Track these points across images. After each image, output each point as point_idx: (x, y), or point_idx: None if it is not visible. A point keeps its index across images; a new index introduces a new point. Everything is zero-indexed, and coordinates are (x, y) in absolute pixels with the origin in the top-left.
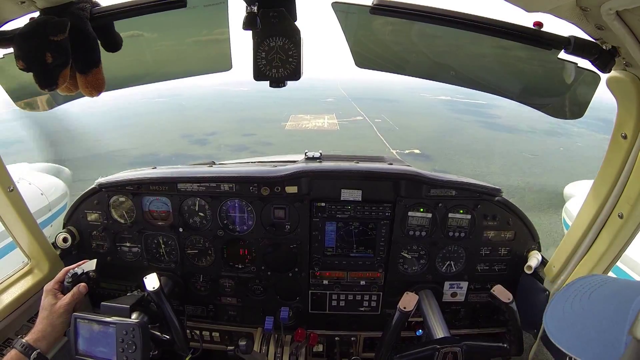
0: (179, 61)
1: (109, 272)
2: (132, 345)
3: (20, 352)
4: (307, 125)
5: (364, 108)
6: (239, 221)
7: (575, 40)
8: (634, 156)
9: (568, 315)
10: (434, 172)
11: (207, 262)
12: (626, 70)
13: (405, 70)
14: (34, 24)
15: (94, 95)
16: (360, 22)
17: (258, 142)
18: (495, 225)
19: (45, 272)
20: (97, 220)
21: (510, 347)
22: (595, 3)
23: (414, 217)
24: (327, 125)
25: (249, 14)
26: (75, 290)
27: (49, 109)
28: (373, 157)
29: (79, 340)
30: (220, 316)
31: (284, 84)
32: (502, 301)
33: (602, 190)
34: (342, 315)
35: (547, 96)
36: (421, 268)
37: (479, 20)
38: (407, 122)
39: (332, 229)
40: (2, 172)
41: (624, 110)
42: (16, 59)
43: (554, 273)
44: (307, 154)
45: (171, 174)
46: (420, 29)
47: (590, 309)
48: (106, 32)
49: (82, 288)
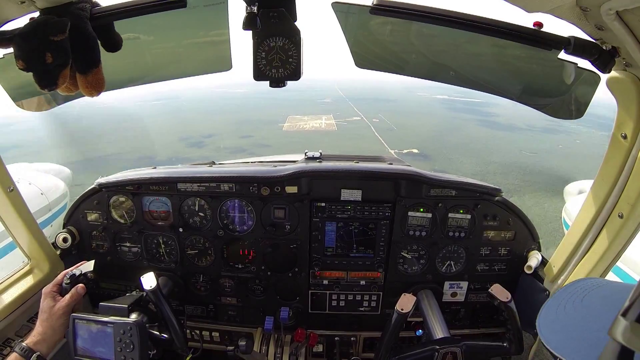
0: (179, 61)
1: (108, 272)
2: (129, 344)
3: (21, 356)
4: (304, 126)
5: (362, 108)
6: (239, 221)
7: (575, 41)
8: (634, 156)
9: (561, 317)
10: (434, 172)
11: (207, 262)
12: (626, 70)
13: (405, 71)
14: (34, 24)
15: (94, 95)
16: (360, 22)
17: (256, 144)
18: (495, 225)
19: (45, 272)
20: (97, 220)
21: (510, 347)
22: (595, 3)
23: (414, 217)
24: (325, 126)
25: (249, 14)
26: (74, 291)
27: (48, 109)
28: (373, 157)
29: (78, 341)
30: (220, 316)
31: (284, 84)
32: (500, 300)
33: (602, 190)
34: (342, 315)
35: (547, 96)
36: (421, 268)
37: (478, 21)
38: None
39: (332, 229)
40: (2, 172)
41: (624, 110)
42: (16, 59)
43: (554, 273)
44: (307, 154)
45: (171, 174)
46: (420, 29)
47: (582, 311)
48: (106, 32)
49: (81, 289)
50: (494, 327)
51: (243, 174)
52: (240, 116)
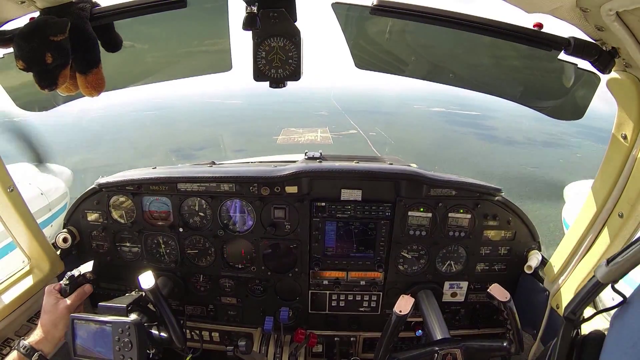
0: (179, 62)
1: (108, 273)
2: (128, 343)
3: (23, 354)
4: (299, 139)
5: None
6: (239, 221)
7: (575, 41)
8: (634, 156)
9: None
10: (434, 172)
11: (207, 262)
12: (626, 71)
13: (404, 72)
14: (34, 24)
15: (94, 95)
16: (360, 23)
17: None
18: (495, 224)
19: (45, 272)
20: (97, 220)
21: (509, 347)
22: (595, 4)
23: (414, 217)
24: (320, 139)
25: (249, 14)
26: (80, 290)
27: (48, 109)
28: (373, 157)
29: (77, 341)
30: (220, 316)
31: (284, 84)
32: (499, 300)
33: (602, 190)
34: (342, 315)
35: (547, 97)
36: (421, 268)
37: (479, 21)
38: (402, 135)
39: (332, 229)
40: (2, 172)
41: (624, 110)
42: (16, 59)
43: (554, 273)
44: (307, 154)
45: (171, 174)
46: (420, 30)
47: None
48: (106, 32)
49: (88, 289)
50: (494, 327)
51: (243, 174)
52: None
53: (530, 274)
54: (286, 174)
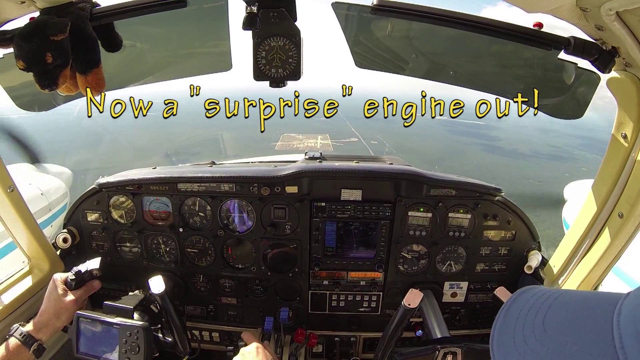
0: (179, 62)
1: (108, 272)
2: (135, 347)
3: (20, 342)
4: (298, 145)
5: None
6: (239, 221)
7: (575, 41)
8: (634, 156)
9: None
10: (434, 172)
11: (207, 262)
12: (626, 70)
13: (405, 71)
14: (34, 24)
15: (94, 95)
16: (361, 22)
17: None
18: (495, 225)
19: (45, 272)
20: (97, 220)
21: None
22: (595, 3)
23: (414, 217)
24: (320, 146)
25: (249, 14)
26: (89, 285)
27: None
28: (373, 157)
29: (81, 340)
30: (220, 316)
31: (284, 84)
32: None
33: (602, 190)
34: (342, 315)
35: (546, 97)
36: (421, 268)
37: (479, 21)
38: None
39: (332, 229)
40: (2, 172)
41: (624, 110)
42: (16, 59)
43: (554, 273)
44: (307, 154)
45: (171, 174)
46: (421, 29)
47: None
48: (106, 32)
49: (97, 284)
50: None
51: (243, 174)
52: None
53: (530, 274)
54: (286, 174)
